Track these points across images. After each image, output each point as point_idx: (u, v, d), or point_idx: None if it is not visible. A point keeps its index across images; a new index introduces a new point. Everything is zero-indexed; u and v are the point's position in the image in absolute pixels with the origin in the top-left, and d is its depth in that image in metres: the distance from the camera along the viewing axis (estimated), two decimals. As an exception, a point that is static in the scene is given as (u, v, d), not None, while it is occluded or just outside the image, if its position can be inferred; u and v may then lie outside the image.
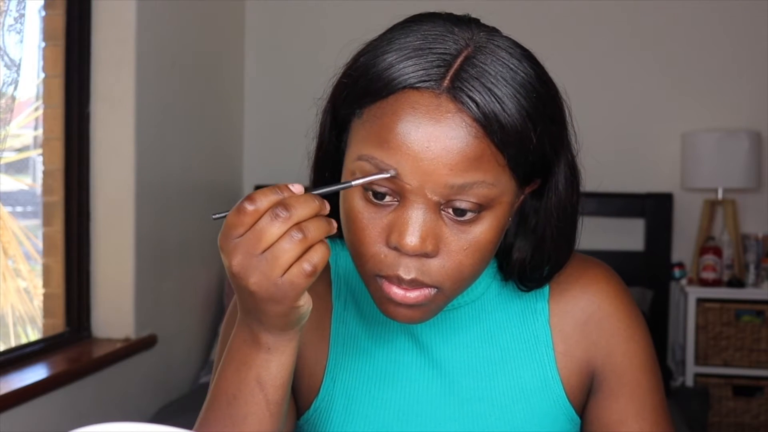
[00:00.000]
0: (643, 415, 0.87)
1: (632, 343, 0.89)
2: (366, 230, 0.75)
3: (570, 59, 3.28)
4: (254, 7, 3.51)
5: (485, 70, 0.72)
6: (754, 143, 3.14)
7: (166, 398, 2.76)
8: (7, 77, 2.06)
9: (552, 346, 0.88)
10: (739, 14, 3.29)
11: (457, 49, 0.72)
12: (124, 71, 2.49)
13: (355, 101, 0.75)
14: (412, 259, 0.74)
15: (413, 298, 0.75)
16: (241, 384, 0.73)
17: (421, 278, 0.74)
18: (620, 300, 0.90)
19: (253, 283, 0.67)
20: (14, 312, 2.47)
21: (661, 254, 3.25)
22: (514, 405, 0.86)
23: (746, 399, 3.10)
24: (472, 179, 0.71)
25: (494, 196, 0.73)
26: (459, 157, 0.71)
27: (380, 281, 0.76)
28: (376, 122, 0.73)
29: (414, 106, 0.71)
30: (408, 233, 0.72)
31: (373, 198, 0.74)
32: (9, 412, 1.98)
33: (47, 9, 2.42)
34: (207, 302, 3.12)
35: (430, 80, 0.71)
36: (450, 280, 0.75)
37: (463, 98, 0.71)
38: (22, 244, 2.54)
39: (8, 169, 2.51)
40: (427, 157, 0.70)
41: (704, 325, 3.11)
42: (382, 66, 0.73)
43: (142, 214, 2.55)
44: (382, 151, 0.72)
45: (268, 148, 3.52)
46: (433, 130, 0.70)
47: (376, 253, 0.75)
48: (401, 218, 0.73)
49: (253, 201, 0.65)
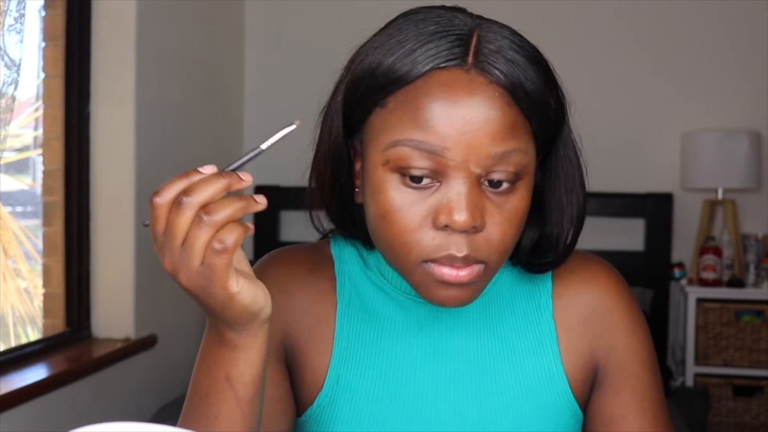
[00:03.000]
0: (644, 410, 0.88)
1: (634, 338, 0.89)
2: (408, 217, 0.75)
3: (570, 59, 3.28)
4: (254, 7, 3.51)
5: (500, 45, 0.75)
6: (754, 143, 3.14)
7: (166, 398, 2.76)
8: (7, 77, 2.06)
9: (557, 341, 0.88)
10: (739, 14, 3.29)
11: (468, 29, 0.75)
12: (124, 71, 2.49)
13: (377, 92, 0.76)
14: (462, 236, 0.75)
15: (466, 276, 0.76)
16: (212, 382, 0.74)
17: (473, 254, 0.75)
18: (622, 295, 0.91)
19: (183, 278, 0.67)
20: (14, 312, 2.47)
21: (661, 254, 3.25)
22: (521, 399, 0.87)
23: (746, 399, 3.10)
24: (511, 147, 0.74)
25: (527, 163, 0.76)
26: (498, 126, 0.73)
27: (429, 267, 0.76)
28: (408, 106, 0.74)
29: (446, 84, 0.73)
30: (457, 210, 0.73)
31: (411, 182, 0.75)
32: (9, 412, 1.98)
33: (47, 9, 2.42)
34: (207, 302, 3.12)
35: (456, 58, 0.74)
36: (496, 253, 0.77)
37: (490, 70, 0.73)
38: (22, 244, 2.54)
39: (8, 169, 2.51)
40: (469, 129, 0.73)
41: (704, 325, 3.11)
42: (402, 53, 0.74)
43: (142, 215, 2.55)
44: (420, 131, 0.73)
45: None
46: (472, 103, 0.73)
47: (422, 238, 0.75)
48: (447, 197, 0.74)
49: (158, 193, 0.65)
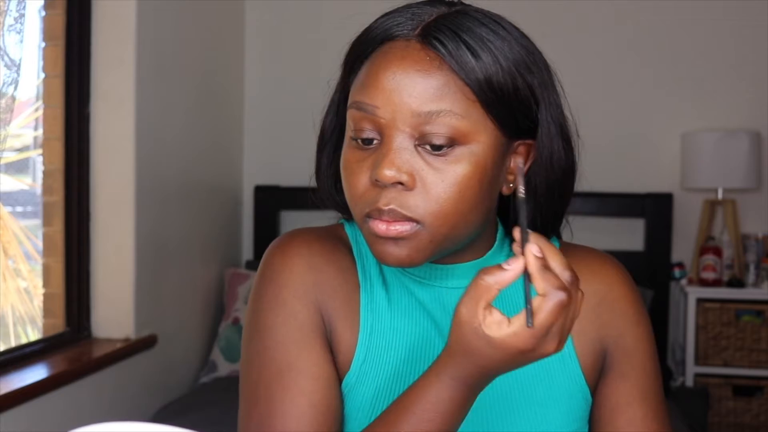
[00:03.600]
0: (647, 399, 0.90)
1: (640, 328, 0.92)
2: (354, 174, 0.81)
3: (569, 59, 3.28)
4: (254, 7, 3.51)
5: (459, 23, 0.80)
6: (754, 143, 3.14)
7: (166, 398, 2.76)
8: (7, 77, 2.06)
9: None
10: (739, 14, 3.29)
11: (436, 11, 0.82)
12: (124, 71, 2.49)
13: (354, 64, 0.85)
14: (390, 190, 0.79)
15: (395, 231, 0.79)
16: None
17: (401, 209, 0.79)
18: (629, 286, 0.94)
19: (554, 349, 0.73)
20: (14, 312, 2.47)
21: (661, 254, 3.25)
22: (535, 381, 0.88)
23: (746, 399, 3.10)
24: (438, 107, 0.78)
25: (465, 129, 0.78)
26: (422, 86, 0.78)
27: (368, 222, 0.81)
28: (362, 73, 0.82)
29: (387, 52, 0.81)
30: (383, 165, 0.78)
31: (362, 144, 0.81)
32: (9, 412, 1.98)
33: (47, 9, 2.42)
34: (207, 302, 3.12)
35: (403, 30, 0.81)
36: (431, 216, 0.79)
37: (431, 41, 0.79)
38: (22, 244, 2.54)
39: (8, 169, 2.51)
40: (395, 89, 0.79)
41: (704, 325, 3.11)
42: (371, 29, 0.84)
43: (142, 214, 2.55)
44: (362, 94, 0.81)
45: (267, 148, 3.52)
46: (399, 66, 0.79)
47: (363, 194, 0.81)
48: (379, 153, 0.80)
49: (549, 282, 0.70)
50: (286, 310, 0.86)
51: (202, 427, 2.18)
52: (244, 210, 3.50)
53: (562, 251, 0.91)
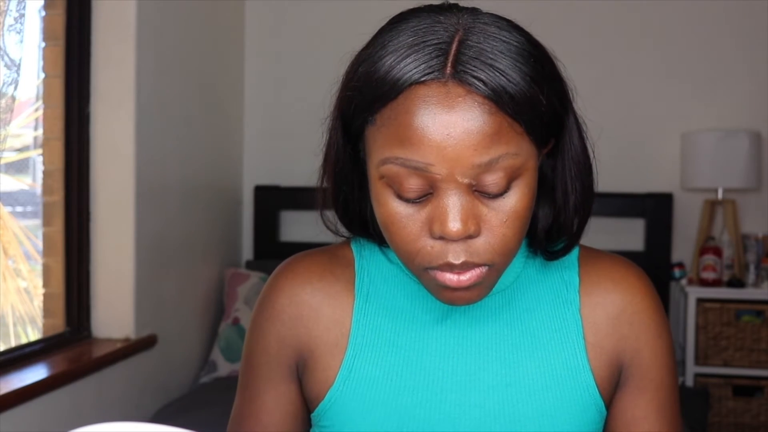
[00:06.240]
0: (664, 413, 0.89)
1: (660, 342, 0.90)
2: (407, 228, 0.78)
3: (569, 59, 3.26)
4: (254, 7, 3.51)
5: (481, 49, 0.74)
6: (754, 143, 3.14)
7: (166, 398, 2.76)
8: (7, 77, 2.06)
9: (583, 336, 0.89)
10: (739, 14, 3.29)
11: (449, 36, 0.75)
12: (124, 71, 2.49)
13: (365, 110, 0.77)
14: (459, 244, 0.77)
15: (468, 280, 0.78)
16: None
17: (471, 259, 0.77)
18: (651, 298, 0.91)
19: None
20: (14, 312, 2.47)
21: (661, 254, 3.25)
22: (544, 392, 0.87)
23: (746, 399, 3.10)
24: (497, 153, 0.74)
25: (519, 164, 0.76)
26: (480, 136, 0.73)
27: (432, 273, 0.79)
28: (392, 124, 0.75)
29: (425, 99, 0.74)
30: (449, 220, 0.75)
31: (407, 202, 0.78)
32: (9, 412, 1.98)
33: (47, 9, 2.42)
34: (207, 302, 3.12)
35: (433, 71, 0.74)
36: (499, 254, 0.78)
37: (469, 80, 0.73)
38: (22, 244, 2.54)
39: (8, 169, 2.51)
40: (449, 144, 0.73)
41: (704, 325, 3.11)
42: (384, 70, 0.75)
43: (142, 214, 2.55)
44: (404, 149, 0.74)
45: (267, 148, 3.52)
46: (449, 116, 0.73)
47: (422, 247, 0.78)
48: (439, 208, 0.76)
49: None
50: (263, 341, 0.92)
51: (202, 427, 2.17)
52: (244, 210, 3.50)
53: (584, 257, 0.92)
